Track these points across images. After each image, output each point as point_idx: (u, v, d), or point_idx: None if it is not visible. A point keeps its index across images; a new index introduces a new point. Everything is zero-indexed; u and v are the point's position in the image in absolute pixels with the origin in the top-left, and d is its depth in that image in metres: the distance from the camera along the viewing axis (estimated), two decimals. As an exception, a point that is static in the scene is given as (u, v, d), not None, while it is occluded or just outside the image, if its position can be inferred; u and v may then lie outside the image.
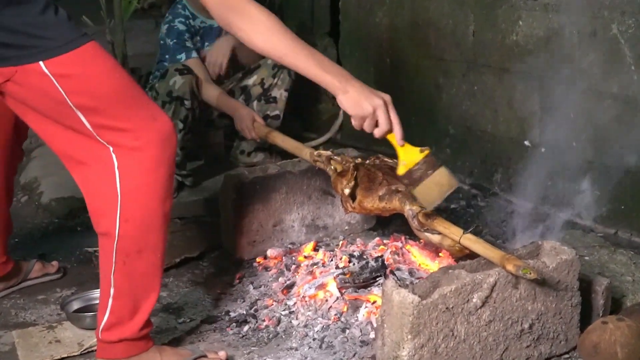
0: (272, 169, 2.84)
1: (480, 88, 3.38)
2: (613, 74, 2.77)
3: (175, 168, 3.24)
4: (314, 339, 2.24)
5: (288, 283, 2.53)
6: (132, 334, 2.01)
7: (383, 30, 3.89)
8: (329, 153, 2.57)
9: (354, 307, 2.34)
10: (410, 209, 2.25)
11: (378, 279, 2.41)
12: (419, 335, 1.86)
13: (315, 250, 2.75)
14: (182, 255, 2.80)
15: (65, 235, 3.11)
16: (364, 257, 2.53)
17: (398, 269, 2.44)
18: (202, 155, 3.59)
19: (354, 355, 2.16)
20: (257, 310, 2.42)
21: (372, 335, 2.20)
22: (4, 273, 2.54)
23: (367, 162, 2.48)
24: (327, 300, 2.36)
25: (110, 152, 1.88)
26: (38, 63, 1.79)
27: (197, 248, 2.88)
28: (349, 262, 2.51)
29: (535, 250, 2.09)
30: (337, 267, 2.49)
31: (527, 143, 3.14)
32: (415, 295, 1.86)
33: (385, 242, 2.69)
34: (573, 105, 2.82)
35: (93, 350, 2.17)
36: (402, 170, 2.08)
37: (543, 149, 3.00)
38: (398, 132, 2.00)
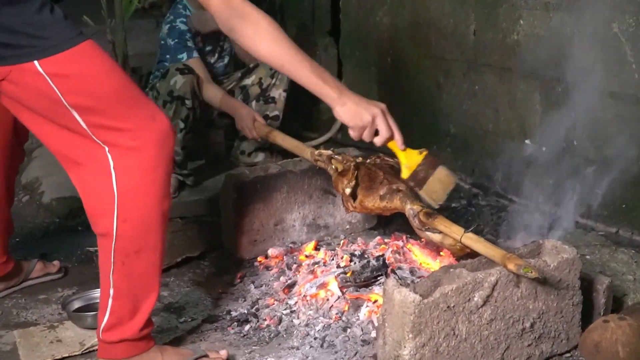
0: (273, 169, 2.84)
1: (481, 87, 3.37)
2: (614, 73, 2.77)
3: (177, 167, 3.29)
4: (315, 338, 2.24)
5: (289, 282, 2.53)
6: (132, 334, 2.01)
7: (384, 30, 3.89)
8: (330, 152, 2.57)
9: (355, 306, 2.34)
10: (411, 208, 2.25)
11: (379, 278, 2.41)
12: (420, 334, 1.86)
13: (317, 250, 2.75)
14: (183, 255, 2.80)
15: (66, 235, 3.11)
16: (365, 256, 2.53)
17: (399, 268, 2.44)
18: (203, 155, 3.59)
19: (355, 355, 2.16)
20: (258, 310, 2.42)
21: (373, 335, 2.20)
22: (5, 273, 2.55)
23: (368, 161, 2.48)
24: (328, 300, 2.36)
25: (106, 152, 1.87)
26: (33, 62, 1.78)
27: (198, 247, 2.88)
28: (350, 261, 2.51)
29: (537, 249, 2.09)
30: (338, 266, 2.49)
31: (528, 142, 3.14)
32: (417, 295, 1.85)
33: (387, 241, 2.69)
34: (574, 104, 2.82)
35: (94, 350, 2.16)
36: (406, 174, 2.15)
37: (544, 148, 2.99)
38: (399, 137, 2.09)
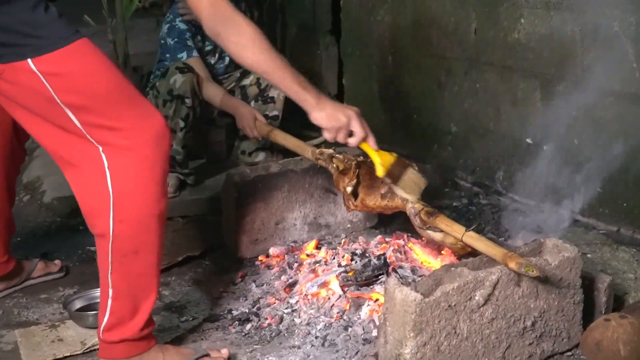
0: (274, 168, 2.84)
1: (483, 86, 3.37)
2: (615, 72, 2.76)
3: (177, 166, 3.29)
4: (317, 337, 2.24)
5: (290, 281, 2.53)
6: (133, 334, 2.01)
7: (385, 29, 3.89)
8: (331, 151, 2.57)
9: (357, 305, 2.34)
10: (413, 207, 2.25)
11: (380, 277, 2.41)
12: (422, 333, 1.86)
13: (318, 249, 2.75)
14: (184, 254, 2.80)
15: (68, 234, 3.10)
16: (367, 255, 2.53)
17: (400, 267, 2.44)
18: (203, 154, 3.59)
19: (357, 353, 2.16)
20: (259, 309, 2.42)
21: (374, 333, 2.20)
22: (6, 272, 2.55)
23: (369, 160, 2.48)
24: (329, 299, 2.36)
25: (100, 152, 1.86)
26: (26, 61, 1.78)
27: (199, 247, 2.88)
28: (352, 260, 2.51)
29: (538, 248, 2.09)
30: (339, 265, 2.49)
31: (529, 141, 3.14)
32: (418, 293, 1.85)
33: (388, 240, 2.69)
34: (575, 103, 2.82)
35: (95, 349, 2.17)
36: (381, 172, 2.24)
37: (545, 147, 2.99)
38: (372, 138, 2.19)
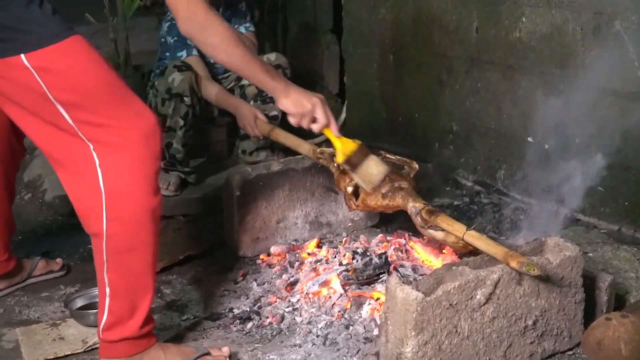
0: (275, 166, 2.84)
1: (484, 85, 3.37)
2: (616, 70, 2.76)
3: (178, 165, 3.29)
4: (318, 336, 2.24)
5: (291, 280, 2.53)
6: (132, 333, 2.01)
7: (386, 27, 3.89)
8: (332, 150, 2.57)
9: (358, 303, 2.34)
10: (414, 206, 2.25)
11: (381, 276, 2.41)
12: (423, 332, 1.86)
13: (319, 247, 2.75)
14: (185, 253, 2.80)
15: (69, 233, 3.10)
16: (368, 253, 2.53)
17: (401, 266, 2.44)
18: (204, 153, 3.58)
19: (358, 352, 2.16)
20: (260, 307, 2.42)
21: (375, 332, 2.20)
22: (7, 271, 2.55)
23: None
24: (330, 297, 2.36)
25: (91, 150, 1.87)
26: (19, 56, 1.78)
27: (200, 245, 2.88)
28: (353, 258, 2.51)
29: (539, 247, 2.09)
30: (340, 264, 2.49)
31: (530, 139, 3.13)
32: (419, 292, 1.85)
33: (389, 238, 2.69)
34: (576, 102, 2.81)
35: (97, 348, 2.16)
36: (341, 158, 2.29)
37: (546, 146, 2.99)
38: (334, 125, 2.25)
